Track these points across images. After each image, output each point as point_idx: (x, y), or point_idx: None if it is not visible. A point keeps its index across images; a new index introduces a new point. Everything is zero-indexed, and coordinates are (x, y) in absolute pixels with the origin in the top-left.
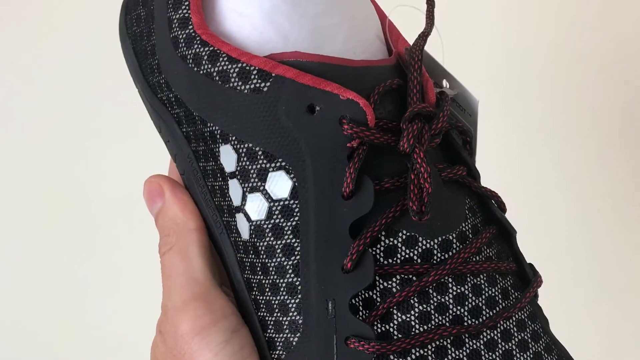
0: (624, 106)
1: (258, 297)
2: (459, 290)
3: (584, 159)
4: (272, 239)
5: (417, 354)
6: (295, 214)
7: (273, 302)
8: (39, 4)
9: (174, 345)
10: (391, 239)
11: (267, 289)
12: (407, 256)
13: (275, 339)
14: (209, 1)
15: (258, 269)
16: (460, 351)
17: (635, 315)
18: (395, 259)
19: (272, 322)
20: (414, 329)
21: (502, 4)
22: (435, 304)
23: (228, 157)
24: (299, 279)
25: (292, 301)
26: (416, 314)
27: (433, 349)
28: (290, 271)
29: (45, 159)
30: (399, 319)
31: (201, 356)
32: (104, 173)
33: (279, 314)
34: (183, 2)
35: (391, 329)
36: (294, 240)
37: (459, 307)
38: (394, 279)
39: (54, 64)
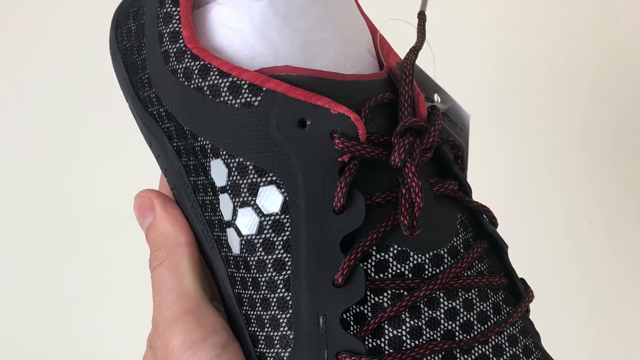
0: (617, 119)
1: (249, 312)
2: (450, 305)
3: (576, 172)
4: (263, 253)
5: None
6: (286, 228)
7: (264, 317)
8: (31, 17)
9: None
10: (382, 254)
11: (258, 304)
12: (398, 271)
13: (266, 354)
14: (200, 15)
15: (249, 283)
16: None
17: (627, 329)
18: (386, 273)
19: (263, 337)
20: (405, 344)
21: (494, 18)
22: (427, 318)
23: (219, 172)
24: (290, 294)
25: (283, 316)
26: (407, 329)
27: None
28: (281, 286)
29: (36, 172)
30: (390, 334)
31: None
32: (95, 187)
33: (269, 329)
34: (174, 16)
35: (382, 344)
36: (284, 255)
37: (450, 322)
38: (385, 294)
39: (44, 78)
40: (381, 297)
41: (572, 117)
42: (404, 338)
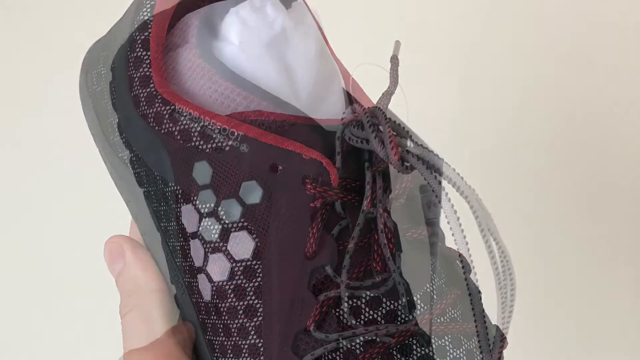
0: (596, 166)
1: None
2: (423, 352)
3: (551, 218)
4: (234, 300)
5: None
6: (257, 274)
7: None
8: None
9: None
10: (355, 300)
11: (230, 351)
12: (370, 317)
13: None
14: (170, 60)
15: (220, 330)
16: None
17: None
18: (358, 320)
19: None
20: None
21: (467, 62)
22: None
23: (189, 217)
24: (262, 341)
25: None
26: None
27: None
28: (252, 332)
29: (5, 220)
30: None
31: None
32: (64, 234)
33: None
34: (144, 60)
35: None
36: (256, 301)
37: None
38: (358, 340)
39: (13, 125)
40: (354, 343)
41: (546, 160)
42: None
